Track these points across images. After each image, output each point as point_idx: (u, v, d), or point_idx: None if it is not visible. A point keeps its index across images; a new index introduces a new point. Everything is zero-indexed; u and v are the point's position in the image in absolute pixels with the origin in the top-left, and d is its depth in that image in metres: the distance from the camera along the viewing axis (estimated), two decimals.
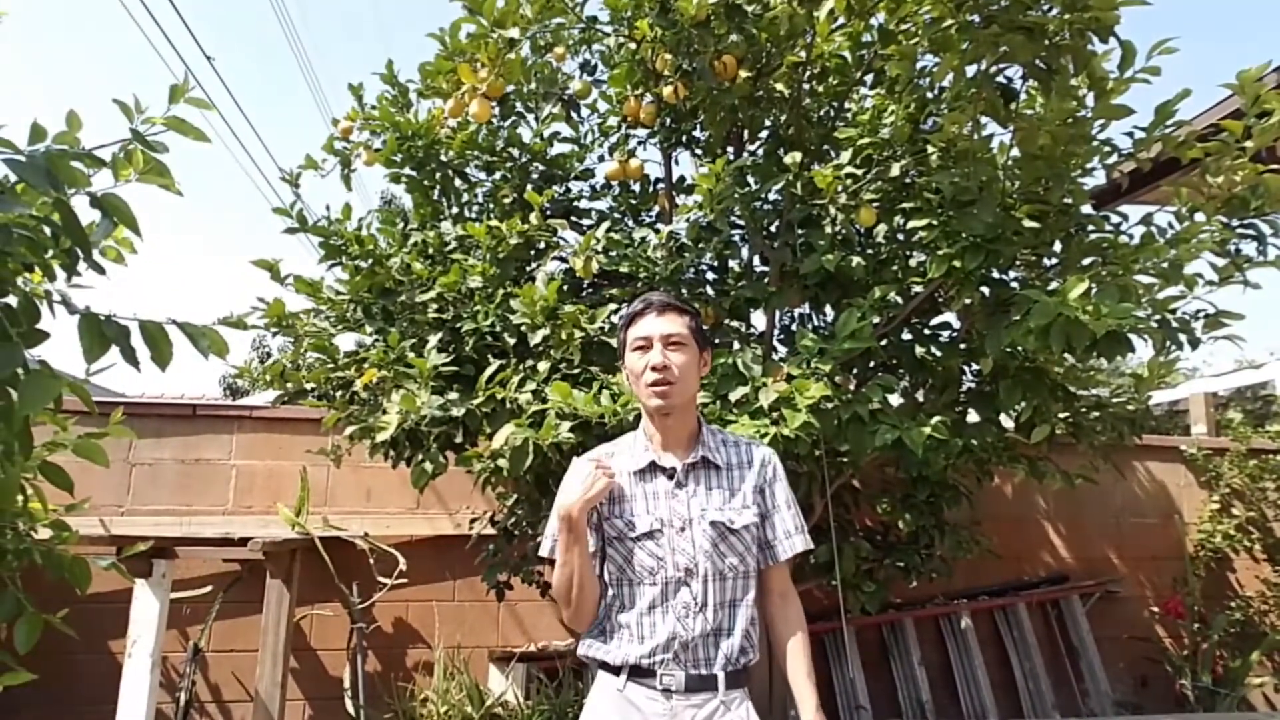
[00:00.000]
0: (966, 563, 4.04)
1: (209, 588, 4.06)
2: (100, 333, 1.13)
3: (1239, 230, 2.60)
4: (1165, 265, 2.53)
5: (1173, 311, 2.58)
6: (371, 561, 4.01)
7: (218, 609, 4.02)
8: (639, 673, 1.61)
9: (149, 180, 1.27)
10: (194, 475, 4.28)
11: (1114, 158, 2.76)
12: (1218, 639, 4.44)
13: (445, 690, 3.70)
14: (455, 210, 3.52)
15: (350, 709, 3.92)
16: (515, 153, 3.45)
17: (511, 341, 2.89)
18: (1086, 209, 2.88)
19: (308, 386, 3.24)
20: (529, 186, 3.36)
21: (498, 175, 3.47)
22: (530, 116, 3.57)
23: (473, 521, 4.00)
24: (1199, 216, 2.59)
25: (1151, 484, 5.13)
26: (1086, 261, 2.72)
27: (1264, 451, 4.90)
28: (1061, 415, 3.28)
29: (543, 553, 1.75)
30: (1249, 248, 2.63)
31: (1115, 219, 2.87)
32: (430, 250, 3.24)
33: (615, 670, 1.64)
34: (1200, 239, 2.53)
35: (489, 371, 2.79)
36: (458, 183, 3.50)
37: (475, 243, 3.08)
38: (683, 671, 1.59)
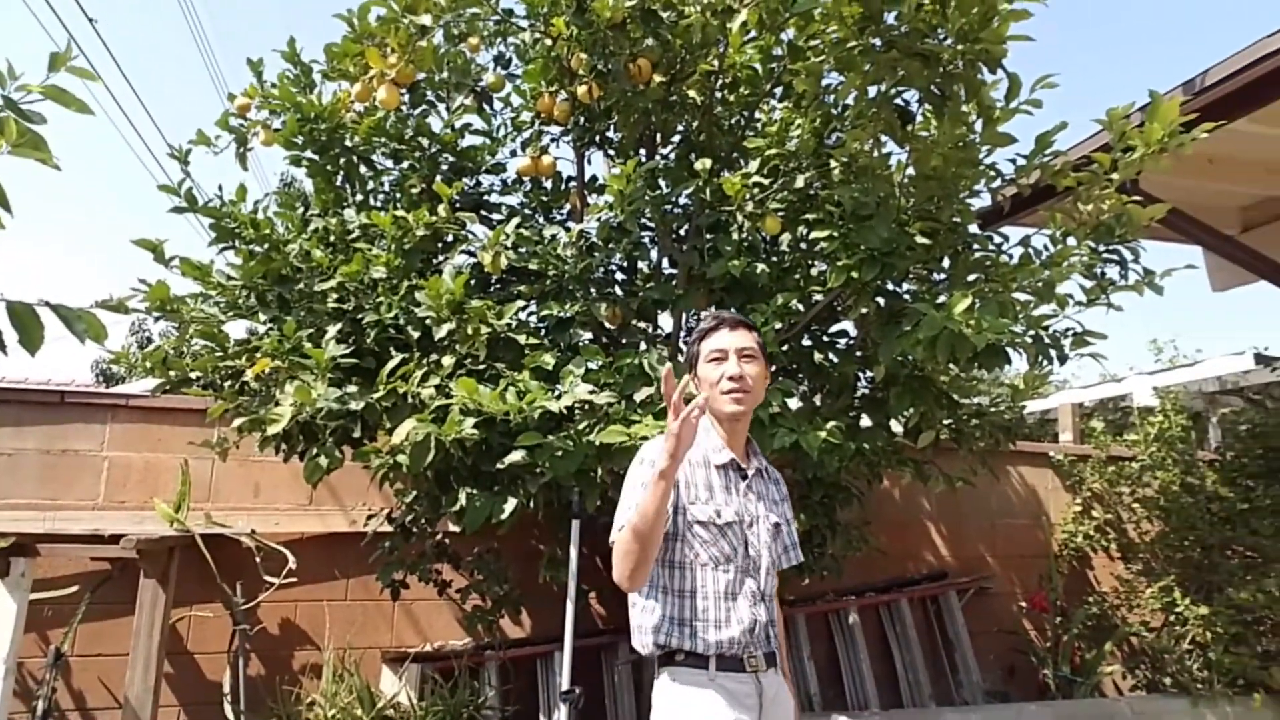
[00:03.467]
0: (855, 560, 4.22)
1: (75, 588, 3.78)
2: None
3: (1105, 255, 2.82)
4: (1040, 285, 2.72)
5: (1045, 328, 2.78)
6: (258, 560, 3.83)
7: (84, 610, 3.74)
8: (727, 660, 1.71)
9: (22, 153, 1.17)
10: (61, 467, 3.98)
11: (998, 182, 2.96)
12: (1076, 632, 4.80)
13: (334, 693, 3.58)
14: (359, 198, 3.41)
15: (229, 714, 3.73)
16: (425, 142, 3.37)
17: (415, 335, 2.83)
18: (973, 228, 3.06)
19: (192, 375, 3.07)
20: (438, 178, 3.29)
21: (405, 164, 3.39)
22: (441, 106, 3.50)
23: (369, 518, 3.89)
24: (1071, 241, 2.79)
25: (1023, 487, 5.50)
26: (971, 278, 2.89)
27: (1121, 458, 5.34)
28: (945, 421, 3.48)
29: (617, 530, 1.70)
30: (1113, 272, 2.86)
31: (998, 239, 3.07)
32: (332, 238, 3.13)
33: (702, 660, 1.71)
34: (1071, 262, 2.73)
35: (391, 365, 2.72)
36: (363, 170, 3.40)
37: (380, 232, 3.00)
38: (760, 652, 1.75)
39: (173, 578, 3.41)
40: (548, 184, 3.61)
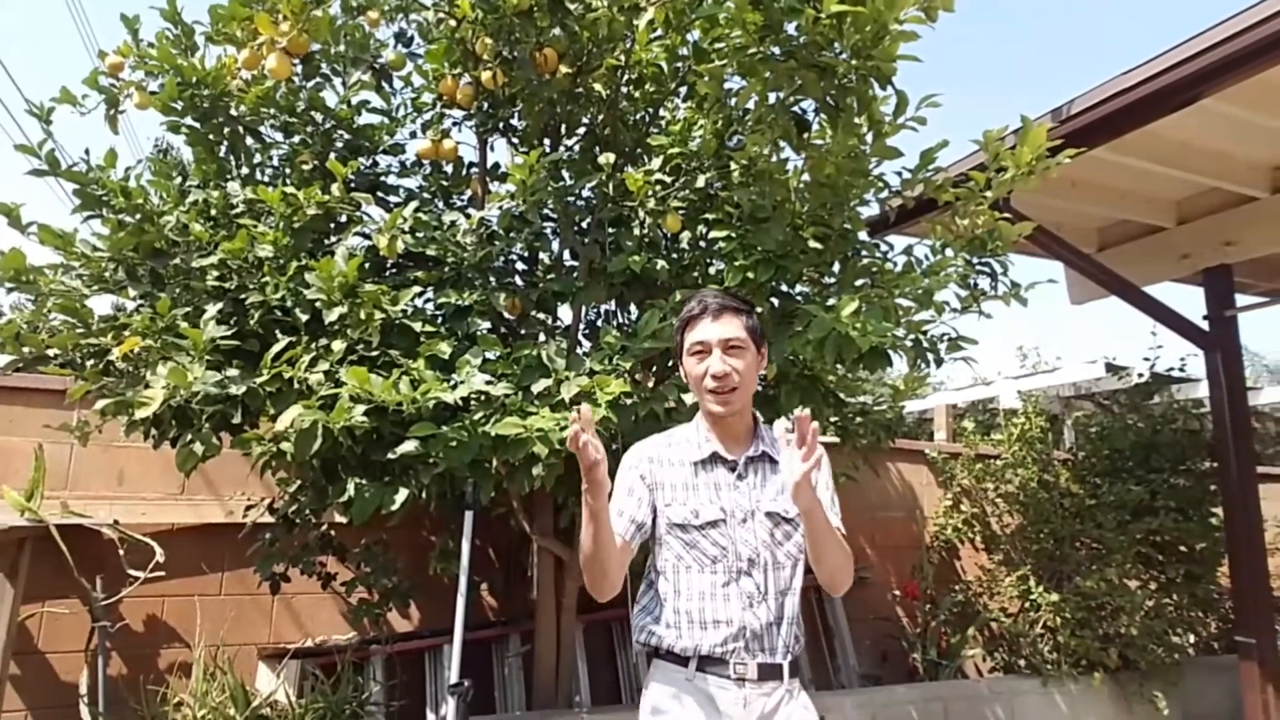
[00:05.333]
0: None
1: None
2: None
3: (978, 267, 3.02)
4: (920, 292, 2.88)
5: (924, 333, 2.95)
6: (122, 553, 3.58)
7: None
8: (709, 662, 1.62)
9: None
10: None
11: (885, 193, 3.12)
12: (944, 618, 5.13)
13: (204, 692, 3.39)
14: (245, 171, 3.24)
15: (86, 716, 3.48)
16: (318, 117, 3.24)
17: (304, 318, 2.72)
18: (862, 235, 3.22)
19: (50, 352, 2.83)
20: (332, 155, 3.17)
21: (297, 139, 3.24)
22: (337, 81, 3.36)
23: (248, 509, 3.71)
24: (949, 252, 2.98)
25: (901, 483, 5.82)
26: (859, 283, 3.04)
27: (988, 456, 5.73)
28: (832, 419, 3.65)
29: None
30: (985, 282, 3.07)
31: (884, 247, 3.24)
32: (213, 212, 2.96)
33: (682, 659, 1.64)
34: (948, 272, 2.91)
35: (277, 348, 2.60)
36: (249, 141, 3.22)
37: (267, 209, 2.86)
38: (754, 660, 1.62)
39: (23, 571, 3.16)
40: (448, 169, 3.54)
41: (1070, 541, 4.99)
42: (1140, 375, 6.06)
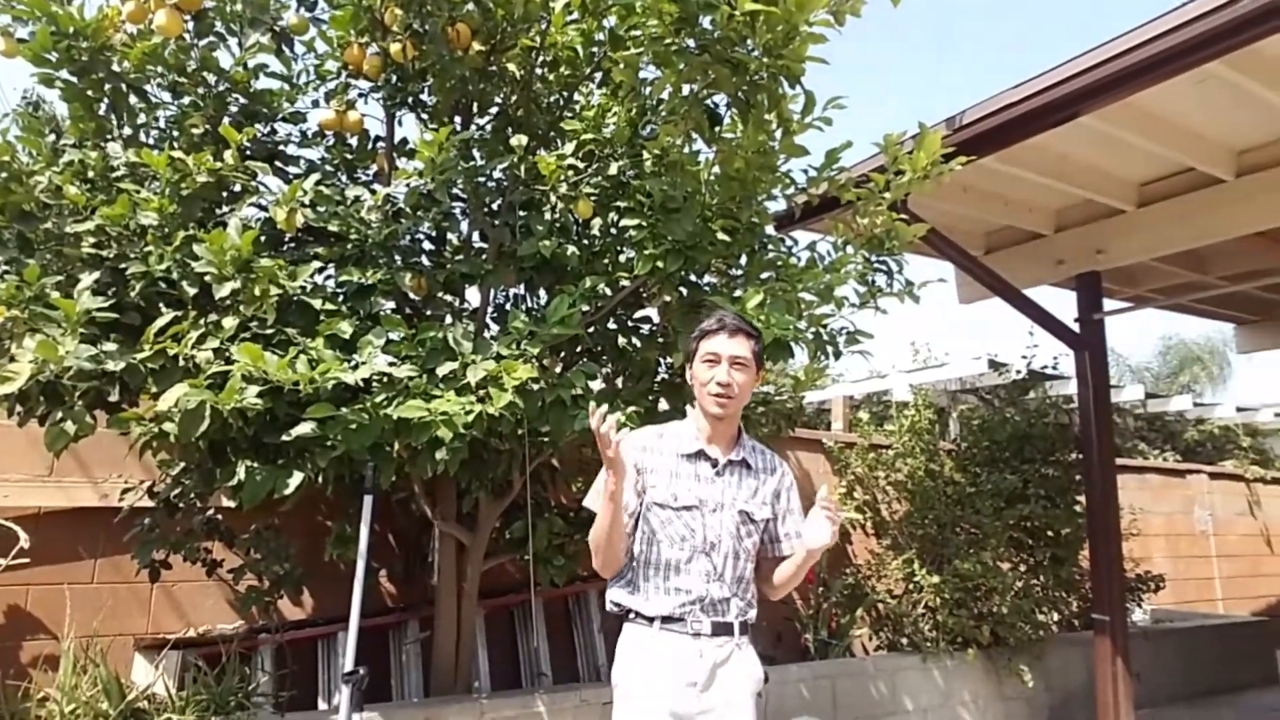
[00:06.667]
0: None
1: None
2: None
3: (876, 265, 3.17)
4: (822, 287, 2.99)
5: (824, 326, 3.07)
6: None
7: None
8: (669, 621, 1.93)
9: None
10: None
11: (792, 189, 3.21)
12: (835, 600, 5.36)
13: (73, 686, 3.18)
14: (128, 132, 3.02)
15: None
16: (211, 79, 3.05)
17: (192, 292, 2.57)
18: (769, 230, 3.31)
19: None
20: (226, 120, 3.01)
21: (187, 101, 3.05)
22: (233, 42, 3.17)
23: (125, 492, 3.49)
24: (849, 249, 3.11)
25: (799, 471, 6.03)
26: (764, 276, 3.12)
27: (880, 447, 6.01)
28: None
29: (585, 501, 2.06)
30: (882, 280, 3.22)
31: (789, 242, 3.34)
32: (91, 174, 2.76)
33: (649, 619, 1.94)
34: (849, 269, 3.04)
35: (161, 323, 2.46)
36: (133, 100, 3.01)
37: (152, 173, 2.69)
38: (708, 619, 1.93)
39: None
40: (353, 141, 3.41)
41: (952, 527, 5.30)
42: (1018, 372, 6.49)
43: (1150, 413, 10.93)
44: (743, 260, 3.25)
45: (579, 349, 3.37)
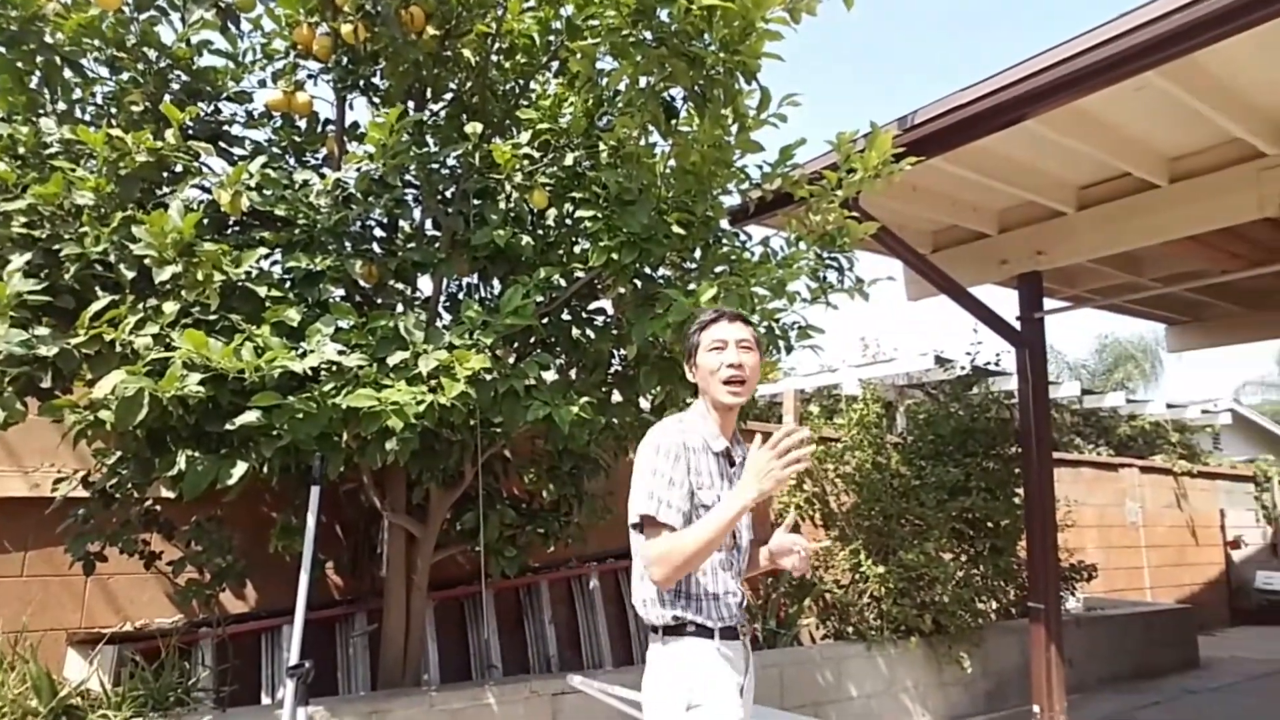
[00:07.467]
0: (599, 528, 4.43)
1: None
2: None
3: (827, 261, 3.22)
4: (775, 282, 3.03)
5: (777, 320, 3.11)
6: None
7: None
8: (727, 633, 1.87)
9: None
10: None
11: (746, 184, 3.24)
12: (783, 590, 5.45)
13: (1, 683, 3.06)
14: (62, 107, 2.90)
15: None
16: (151, 54, 2.95)
17: (130, 275, 2.49)
18: (724, 224, 3.33)
19: None
20: (167, 97, 2.91)
21: (125, 76, 2.94)
22: (175, 16, 3.06)
23: (57, 482, 3.36)
24: (802, 245, 3.15)
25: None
26: (718, 270, 3.15)
27: (830, 439, 6.12)
28: (688, 400, 3.76)
29: (659, 516, 1.83)
30: (833, 276, 3.27)
31: (743, 237, 3.37)
32: (22, 150, 2.65)
33: (708, 631, 1.85)
34: (801, 264, 3.08)
35: (96, 307, 2.38)
36: (68, 74, 2.89)
37: (88, 151, 2.59)
38: (744, 620, 1.93)
39: None
40: (302, 123, 3.33)
41: (897, 518, 5.43)
42: (963, 368, 6.66)
43: (1086, 408, 11.36)
44: (697, 254, 3.27)
45: (532, 340, 3.35)
